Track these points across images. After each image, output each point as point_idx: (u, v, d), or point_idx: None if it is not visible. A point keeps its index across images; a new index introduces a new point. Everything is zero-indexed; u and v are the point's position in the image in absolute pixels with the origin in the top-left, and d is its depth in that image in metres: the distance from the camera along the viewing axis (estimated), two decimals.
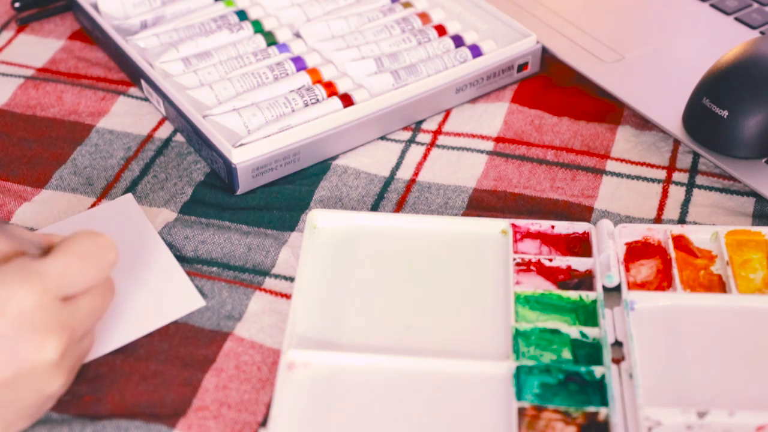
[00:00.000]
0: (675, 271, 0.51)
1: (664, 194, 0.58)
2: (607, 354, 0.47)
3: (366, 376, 0.47)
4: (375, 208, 0.58)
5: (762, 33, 0.68)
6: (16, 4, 0.73)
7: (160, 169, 0.60)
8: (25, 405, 0.43)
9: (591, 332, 0.48)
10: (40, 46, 0.71)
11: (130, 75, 0.66)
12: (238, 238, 0.55)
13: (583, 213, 0.57)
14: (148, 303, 0.51)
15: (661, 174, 0.59)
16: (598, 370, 0.46)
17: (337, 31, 0.67)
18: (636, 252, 0.53)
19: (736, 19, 0.69)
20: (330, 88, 0.61)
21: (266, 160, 0.57)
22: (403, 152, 0.61)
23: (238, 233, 0.55)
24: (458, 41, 0.66)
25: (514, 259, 0.52)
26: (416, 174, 0.60)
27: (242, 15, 0.68)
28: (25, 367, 0.42)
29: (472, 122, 0.64)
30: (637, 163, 0.60)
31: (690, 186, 0.58)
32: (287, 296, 0.52)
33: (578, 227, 0.54)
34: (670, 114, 0.61)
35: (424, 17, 0.68)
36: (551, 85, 0.67)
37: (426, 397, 0.46)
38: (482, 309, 0.50)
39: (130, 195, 0.58)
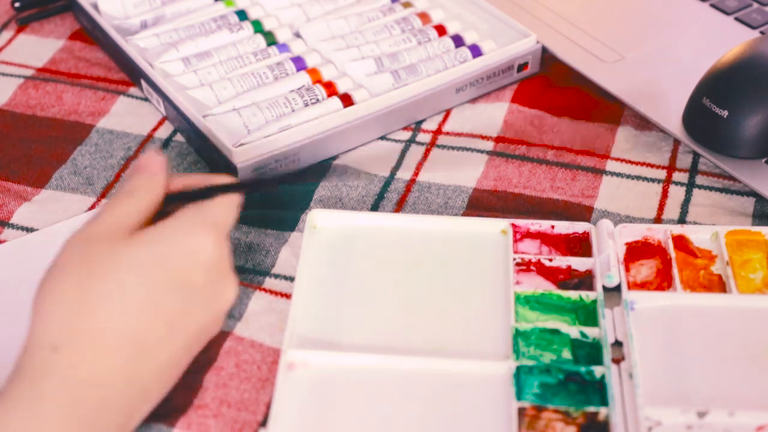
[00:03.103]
0: (675, 271, 0.51)
1: (664, 194, 0.58)
2: (607, 354, 0.47)
3: (366, 376, 0.47)
4: (375, 208, 0.58)
5: (762, 33, 0.68)
6: (16, 4, 0.73)
7: None
8: (196, 351, 0.44)
9: (591, 332, 0.48)
10: (40, 46, 0.71)
11: (130, 75, 0.66)
12: (239, 238, 0.55)
13: (583, 213, 0.57)
14: None
15: (661, 174, 0.59)
16: (598, 370, 0.46)
17: (337, 31, 0.67)
18: (636, 252, 0.53)
19: (736, 19, 0.69)
20: (330, 88, 0.61)
21: (266, 160, 0.57)
22: (403, 152, 0.61)
23: (238, 233, 0.55)
24: (458, 41, 0.66)
25: (514, 259, 0.52)
26: (416, 174, 0.60)
27: (242, 15, 0.68)
28: (216, 314, 0.44)
29: (472, 122, 0.64)
30: (637, 163, 0.60)
31: (690, 186, 0.58)
32: (287, 296, 0.52)
33: (578, 227, 0.54)
34: (670, 114, 0.61)
35: (424, 17, 0.68)
36: (551, 85, 0.67)
37: (426, 397, 0.46)
38: (482, 309, 0.50)
39: None
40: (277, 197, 0.58)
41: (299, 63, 0.63)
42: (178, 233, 0.42)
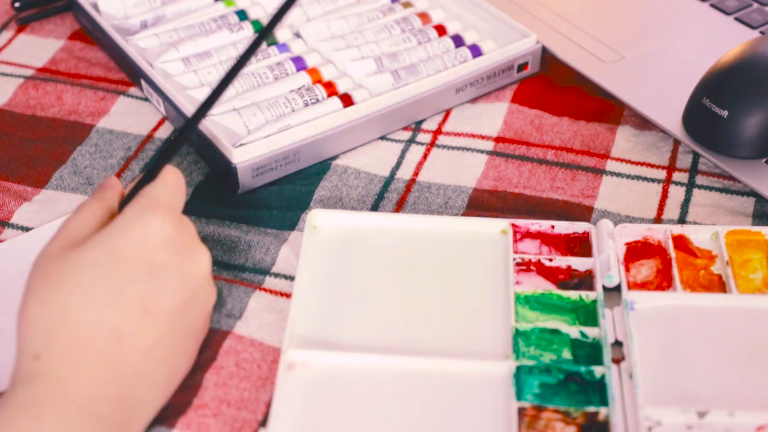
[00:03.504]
0: (675, 271, 0.51)
1: (664, 194, 0.58)
2: (607, 354, 0.47)
3: (366, 376, 0.47)
4: (375, 208, 0.58)
5: (762, 33, 0.68)
6: (16, 4, 0.73)
7: None
8: (197, 328, 0.46)
9: (591, 332, 0.48)
10: (40, 46, 0.71)
11: (130, 75, 0.66)
12: (238, 237, 0.55)
13: (583, 213, 0.57)
14: None
15: (661, 174, 0.59)
16: (598, 370, 0.46)
17: (337, 31, 0.67)
18: (636, 252, 0.53)
19: (736, 19, 0.69)
20: (330, 88, 0.61)
21: (266, 160, 0.57)
22: (403, 152, 0.61)
23: (238, 232, 0.55)
24: (458, 41, 0.66)
25: (514, 259, 0.52)
26: (416, 174, 0.60)
27: (242, 15, 0.68)
28: (194, 286, 0.44)
29: (472, 122, 0.64)
30: (637, 163, 0.60)
31: (690, 186, 0.58)
32: (287, 295, 0.52)
33: (578, 227, 0.54)
34: (670, 114, 0.61)
35: (424, 17, 0.68)
36: (551, 85, 0.67)
37: (426, 396, 0.46)
38: (482, 309, 0.50)
39: None
40: (277, 197, 0.58)
41: (299, 63, 0.63)
42: (125, 226, 0.43)
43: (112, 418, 0.41)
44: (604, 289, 0.51)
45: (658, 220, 0.56)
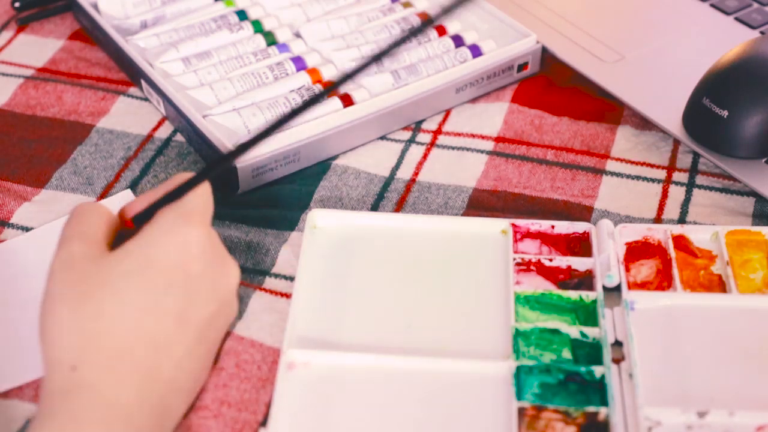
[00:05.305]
0: (675, 271, 0.51)
1: (664, 194, 0.58)
2: (607, 354, 0.47)
3: (366, 375, 0.47)
4: (375, 208, 0.58)
5: (762, 33, 0.68)
6: (16, 4, 0.73)
7: (160, 169, 0.60)
8: (218, 339, 0.45)
9: (591, 332, 0.48)
10: (40, 46, 0.71)
11: (130, 75, 0.66)
12: (238, 238, 0.55)
13: (583, 213, 0.57)
14: None
15: (661, 174, 0.59)
16: (598, 370, 0.46)
17: (337, 31, 0.67)
18: (636, 252, 0.53)
19: (736, 19, 0.69)
20: None
21: (266, 160, 0.57)
22: (403, 152, 0.61)
23: (238, 233, 0.55)
24: (458, 41, 0.66)
25: (514, 259, 0.52)
26: (416, 174, 0.60)
27: (242, 15, 0.68)
28: (223, 298, 0.44)
29: (472, 122, 0.64)
30: (637, 163, 0.60)
31: (690, 186, 0.58)
32: (287, 296, 0.52)
33: (578, 227, 0.54)
34: (670, 114, 0.61)
35: (424, 17, 0.68)
36: (551, 85, 0.67)
37: (426, 396, 0.46)
38: (482, 309, 0.50)
39: (128, 191, 0.58)
40: (277, 197, 0.58)
41: (299, 63, 0.63)
42: (162, 234, 0.42)
43: (150, 428, 0.40)
44: (604, 289, 0.51)
45: (658, 220, 0.56)
